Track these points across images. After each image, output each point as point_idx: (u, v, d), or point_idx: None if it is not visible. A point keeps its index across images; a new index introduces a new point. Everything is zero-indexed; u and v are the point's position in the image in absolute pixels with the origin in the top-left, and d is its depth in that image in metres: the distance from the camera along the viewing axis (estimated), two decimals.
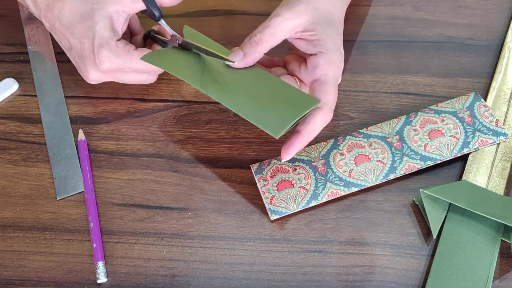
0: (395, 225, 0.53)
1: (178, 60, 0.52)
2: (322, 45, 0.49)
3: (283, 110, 0.47)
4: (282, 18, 0.49)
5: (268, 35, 0.49)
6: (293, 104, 0.47)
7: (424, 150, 0.55)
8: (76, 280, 0.50)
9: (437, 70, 0.62)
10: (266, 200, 0.53)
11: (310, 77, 0.50)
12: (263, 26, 0.49)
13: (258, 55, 0.49)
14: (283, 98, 0.48)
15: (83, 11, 0.51)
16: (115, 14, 0.51)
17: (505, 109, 0.58)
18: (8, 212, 0.54)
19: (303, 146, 0.48)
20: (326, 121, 0.49)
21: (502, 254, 0.51)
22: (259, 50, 0.49)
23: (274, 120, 0.46)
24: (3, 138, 0.58)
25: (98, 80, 0.55)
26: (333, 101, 0.49)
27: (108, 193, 0.55)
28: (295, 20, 0.49)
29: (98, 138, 0.58)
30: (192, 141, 0.58)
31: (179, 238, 0.52)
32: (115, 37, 0.51)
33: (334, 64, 0.49)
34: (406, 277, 0.50)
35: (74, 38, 0.52)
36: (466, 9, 0.67)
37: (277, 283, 0.50)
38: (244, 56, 0.49)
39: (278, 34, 0.49)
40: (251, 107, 0.48)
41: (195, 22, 0.66)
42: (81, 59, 0.53)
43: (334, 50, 0.49)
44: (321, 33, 0.49)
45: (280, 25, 0.49)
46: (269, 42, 0.49)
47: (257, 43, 0.49)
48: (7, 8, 0.67)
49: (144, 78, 0.55)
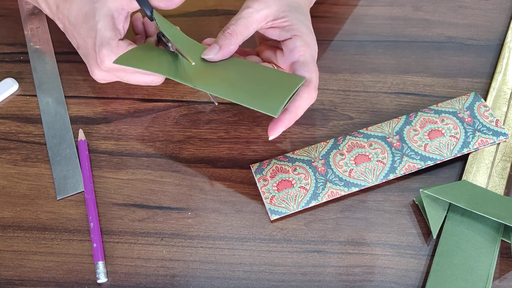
0: (395, 225, 0.53)
1: (155, 57, 0.52)
2: (295, 29, 0.51)
3: (274, 91, 0.48)
4: (253, 9, 0.51)
5: (242, 26, 0.50)
6: (281, 84, 0.49)
7: (424, 150, 0.55)
8: (76, 280, 0.50)
9: (437, 70, 0.62)
10: (266, 200, 0.53)
11: (288, 60, 0.52)
12: (236, 19, 0.51)
13: (234, 47, 0.51)
14: (269, 80, 0.50)
15: (86, 10, 0.52)
16: (116, 12, 0.52)
17: (505, 109, 0.58)
18: (8, 212, 0.54)
19: (291, 124, 0.49)
20: (312, 98, 0.50)
21: (502, 254, 0.51)
22: (234, 41, 0.51)
23: (268, 101, 0.47)
24: (3, 138, 0.58)
25: (104, 80, 0.55)
26: (316, 79, 0.51)
27: (108, 193, 0.55)
28: (265, 10, 0.51)
29: (98, 138, 0.58)
30: (192, 141, 0.58)
31: (179, 238, 0.52)
32: (116, 37, 0.52)
33: (309, 45, 0.51)
34: (406, 277, 0.50)
35: (80, 38, 0.53)
36: (466, 9, 0.67)
37: (277, 283, 0.50)
38: (220, 48, 0.50)
39: (250, 24, 0.51)
40: (242, 93, 0.49)
41: (195, 22, 0.66)
42: (86, 58, 0.54)
43: (307, 32, 0.51)
44: (292, 19, 0.51)
45: (252, 15, 0.50)
46: (243, 33, 0.51)
47: (231, 35, 0.50)
48: (7, 8, 0.67)
49: (149, 79, 0.55)
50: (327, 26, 0.65)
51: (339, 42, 0.64)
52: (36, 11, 0.66)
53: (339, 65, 0.62)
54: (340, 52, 0.63)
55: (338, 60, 0.63)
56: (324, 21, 0.66)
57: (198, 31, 0.64)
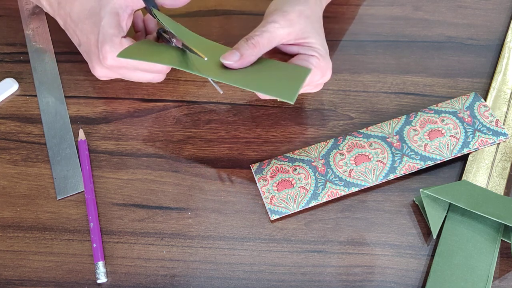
0: (395, 225, 0.53)
1: (161, 50, 0.52)
2: (314, 50, 0.51)
3: (286, 80, 0.49)
4: (279, 24, 0.50)
5: (266, 39, 0.50)
6: (291, 75, 0.50)
7: (424, 150, 0.55)
8: (76, 280, 0.50)
9: (437, 70, 0.62)
10: (266, 200, 0.53)
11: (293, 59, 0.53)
12: (261, 30, 0.50)
13: (254, 58, 0.50)
14: (279, 71, 0.50)
15: (90, 7, 0.52)
16: (120, 9, 0.52)
17: (505, 109, 0.58)
18: (8, 212, 0.54)
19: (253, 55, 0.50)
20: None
21: (502, 254, 0.51)
22: (256, 52, 0.50)
23: (284, 89, 0.48)
24: (3, 138, 0.58)
25: (105, 76, 0.56)
26: None
27: (108, 193, 0.55)
28: (289, 28, 0.51)
29: (98, 138, 0.58)
30: (192, 141, 0.58)
31: (179, 238, 0.52)
32: (119, 34, 0.52)
33: (323, 69, 0.52)
34: (406, 277, 0.50)
35: (83, 34, 0.53)
36: (466, 9, 0.67)
37: (277, 283, 0.50)
38: (241, 57, 0.50)
39: (274, 39, 0.50)
40: (258, 82, 0.49)
41: (195, 22, 0.66)
42: (88, 54, 0.54)
43: (324, 55, 0.52)
44: (313, 42, 0.52)
45: (277, 31, 0.50)
46: (265, 47, 0.50)
47: (255, 46, 0.50)
48: (7, 8, 0.67)
49: (150, 76, 0.55)
50: (327, 26, 0.65)
51: (339, 42, 0.64)
52: (37, 10, 0.66)
53: (339, 65, 0.62)
54: (340, 52, 0.63)
55: (338, 60, 0.63)
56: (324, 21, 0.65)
57: (198, 31, 0.64)
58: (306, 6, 0.52)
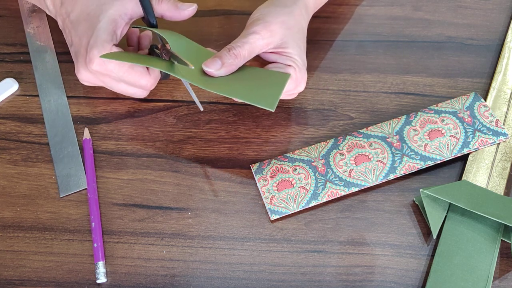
0: (395, 225, 0.53)
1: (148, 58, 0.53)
2: (292, 61, 0.53)
3: (267, 88, 0.50)
4: (260, 36, 0.52)
5: (246, 51, 0.52)
6: (271, 82, 0.51)
7: (424, 150, 0.55)
8: (76, 280, 0.50)
9: (437, 70, 0.62)
10: (266, 200, 0.53)
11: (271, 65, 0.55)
12: (242, 41, 0.52)
13: (235, 68, 0.52)
14: (260, 78, 0.52)
15: (91, 10, 0.52)
16: (119, 17, 0.52)
17: (505, 109, 0.58)
18: (8, 212, 0.54)
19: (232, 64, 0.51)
20: None
21: (502, 254, 0.51)
22: (237, 63, 0.52)
23: (264, 97, 0.49)
24: (3, 138, 0.58)
25: (88, 81, 0.55)
26: None
27: (108, 193, 0.55)
28: (269, 38, 0.52)
29: (98, 138, 0.58)
30: (192, 141, 0.58)
31: (179, 238, 0.52)
32: (111, 41, 0.52)
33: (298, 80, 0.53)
34: (406, 277, 0.50)
35: (76, 35, 0.53)
36: (466, 9, 0.67)
37: (277, 283, 0.50)
38: (222, 65, 0.51)
39: (254, 51, 0.52)
40: (239, 90, 0.50)
41: (195, 22, 0.66)
42: (76, 56, 0.54)
43: (301, 67, 0.53)
44: (291, 52, 0.53)
45: (257, 42, 0.52)
46: (246, 57, 0.52)
47: (236, 56, 0.52)
48: (7, 8, 0.67)
49: (133, 91, 0.55)
50: (328, 26, 0.65)
51: (339, 42, 0.64)
52: (37, 8, 0.66)
53: (339, 65, 0.62)
54: (340, 52, 0.63)
55: (338, 60, 0.63)
56: (324, 21, 0.66)
57: (198, 31, 0.64)
58: (290, 17, 0.54)
